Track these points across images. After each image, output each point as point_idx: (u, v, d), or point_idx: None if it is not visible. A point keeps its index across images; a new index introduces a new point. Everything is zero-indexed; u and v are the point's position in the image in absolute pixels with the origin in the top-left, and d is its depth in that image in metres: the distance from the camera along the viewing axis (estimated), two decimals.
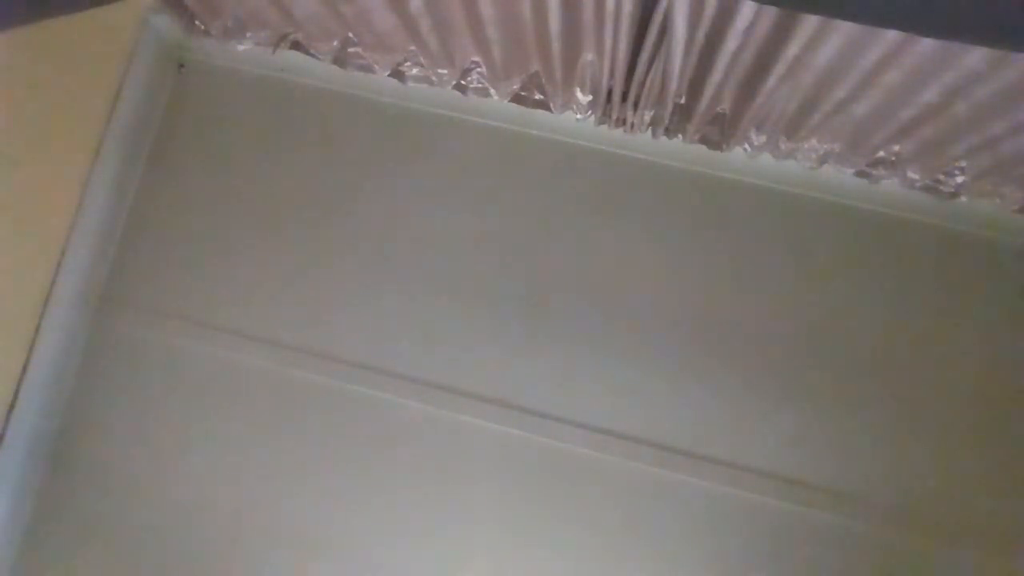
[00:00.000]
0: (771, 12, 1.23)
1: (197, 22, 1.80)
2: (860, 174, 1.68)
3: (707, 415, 1.73)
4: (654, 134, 1.73)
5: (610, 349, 1.77)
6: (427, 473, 1.76)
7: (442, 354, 1.80)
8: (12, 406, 1.73)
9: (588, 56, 1.53)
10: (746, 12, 1.23)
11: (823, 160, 1.65)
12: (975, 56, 1.20)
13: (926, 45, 1.21)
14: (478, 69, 1.70)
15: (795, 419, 1.71)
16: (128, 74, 1.85)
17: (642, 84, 1.55)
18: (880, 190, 1.71)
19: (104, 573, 1.80)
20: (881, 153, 1.61)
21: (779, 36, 1.29)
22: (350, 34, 1.69)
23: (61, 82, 1.66)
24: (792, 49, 1.30)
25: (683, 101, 1.63)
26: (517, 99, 1.75)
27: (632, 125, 1.70)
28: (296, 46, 1.77)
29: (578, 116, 1.75)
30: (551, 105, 1.73)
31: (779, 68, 1.36)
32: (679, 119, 1.67)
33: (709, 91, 1.51)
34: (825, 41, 1.26)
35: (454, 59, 1.67)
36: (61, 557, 1.81)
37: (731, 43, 1.32)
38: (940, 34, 0.96)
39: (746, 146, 1.69)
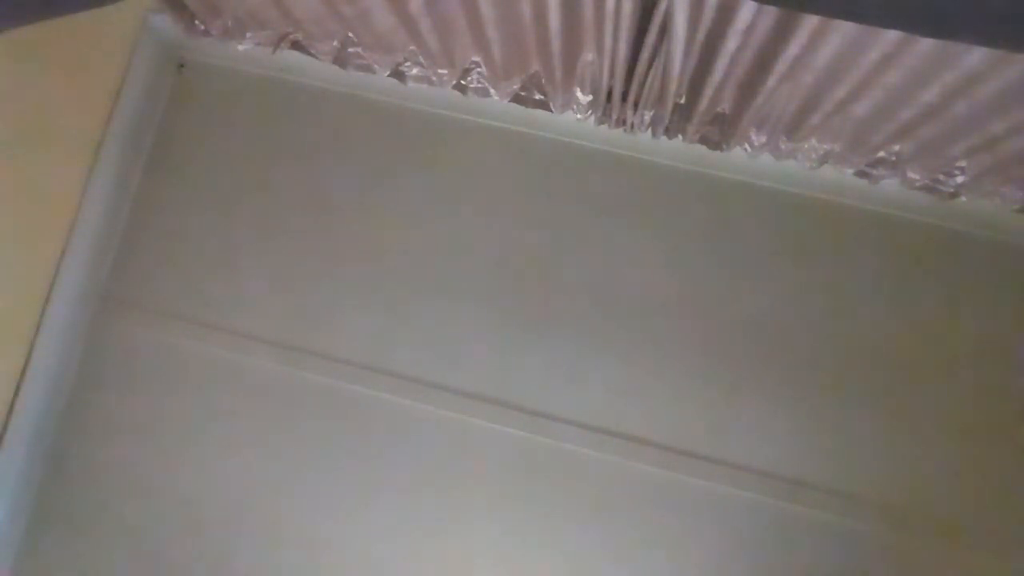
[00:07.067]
0: (771, 12, 1.23)
1: (197, 22, 1.80)
2: (860, 174, 1.68)
3: (707, 415, 1.73)
4: (654, 134, 1.72)
5: (610, 349, 1.77)
6: (427, 472, 1.76)
7: (442, 354, 1.80)
8: (12, 406, 1.73)
9: (588, 56, 1.53)
10: (746, 12, 1.22)
11: (823, 160, 1.65)
12: (975, 56, 1.20)
13: (926, 45, 1.21)
14: (478, 69, 1.70)
15: (795, 419, 1.71)
16: (128, 74, 1.85)
17: (642, 84, 1.55)
18: (880, 190, 1.71)
19: (104, 572, 1.80)
20: (881, 153, 1.61)
21: (779, 36, 1.29)
22: (350, 34, 1.69)
23: (61, 82, 1.66)
24: (792, 49, 1.30)
25: (683, 101, 1.63)
26: (517, 99, 1.75)
27: (632, 125, 1.70)
28: (296, 46, 1.76)
29: (578, 116, 1.75)
30: (551, 105, 1.73)
31: (779, 68, 1.36)
32: (679, 119, 1.67)
33: (709, 91, 1.51)
34: (825, 41, 1.26)
35: (454, 59, 1.67)
36: (61, 557, 1.82)
37: (731, 43, 1.32)
38: (940, 34, 0.96)
39: (746, 146, 1.69)
